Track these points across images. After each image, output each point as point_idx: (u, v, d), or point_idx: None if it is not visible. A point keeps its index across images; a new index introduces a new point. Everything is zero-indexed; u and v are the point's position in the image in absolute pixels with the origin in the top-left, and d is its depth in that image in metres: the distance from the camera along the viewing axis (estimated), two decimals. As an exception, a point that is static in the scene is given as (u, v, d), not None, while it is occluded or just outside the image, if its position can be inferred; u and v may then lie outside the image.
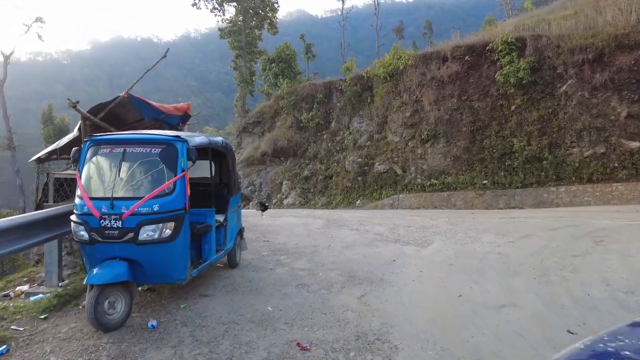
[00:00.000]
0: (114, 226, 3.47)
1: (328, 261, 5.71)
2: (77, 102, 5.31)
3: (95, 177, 3.80)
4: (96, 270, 3.41)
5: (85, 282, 3.40)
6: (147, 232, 3.50)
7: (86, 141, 3.90)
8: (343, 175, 16.22)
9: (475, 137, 13.32)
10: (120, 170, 3.71)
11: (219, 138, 5.20)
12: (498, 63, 13.30)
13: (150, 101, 6.35)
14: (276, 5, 28.70)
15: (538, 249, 6.08)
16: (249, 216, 10.32)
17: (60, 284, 4.56)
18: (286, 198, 17.64)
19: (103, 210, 3.50)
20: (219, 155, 5.31)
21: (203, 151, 4.65)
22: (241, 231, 5.73)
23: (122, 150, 3.77)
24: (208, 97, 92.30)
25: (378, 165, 15.30)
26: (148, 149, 3.77)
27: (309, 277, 4.96)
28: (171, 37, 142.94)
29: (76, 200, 3.67)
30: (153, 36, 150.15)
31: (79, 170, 3.79)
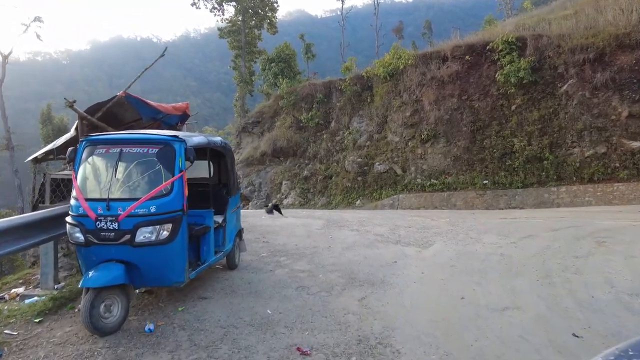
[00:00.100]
0: (110, 228, 3.40)
1: (328, 262, 5.64)
2: (74, 102, 5.23)
3: (91, 178, 3.73)
4: (92, 273, 3.34)
5: (80, 286, 3.33)
6: (144, 234, 3.43)
7: (82, 141, 3.83)
8: (343, 175, 16.16)
9: (475, 137, 13.27)
10: (116, 170, 3.63)
11: (218, 138, 5.13)
12: (498, 63, 13.26)
13: (148, 101, 6.27)
14: (275, 5, 28.65)
15: (540, 250, 6.02)
16: (249, 217, 10.25)
17: (56, 287, 4.49)
18: (286, 198, 17.58)
19: (99, 211, 3.43)
20: (218, 155, 5.25)
21: (201, 151, 4.58)
22: (240, 232, 5.67)
23: (119, 150, 3.70)
24: (207, 97, 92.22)
25: (378, 165, 15.24)
26: (145, 149, 3.70)
27: (309, 279, 4.89)
28: (171, 37, 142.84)
29: (72, 201, 3.60)
30: (152, 36, 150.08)
31: (75, 170, 3.72)
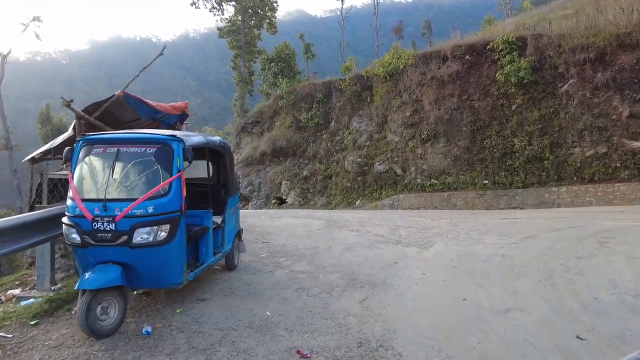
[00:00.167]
0: (107, 229, 3.34)
1: (328, 263, 5.59)
2: (71, 101, 5.18)
3: (87, 178, 3.67)
4: (88, 274, 3.28)
5: (76, 287, 3.27)
6: (142, 235, 3.38)
7: (79, 140, 3.77)
8: (343, 175, 16.10)
9: (475, 137, 13.22)
10: (113, 170, 3.58)
11: (217, 137, 5.08)
12: (499, 62, 13.20)
13: (146, 100, 6.22)
14: (275, 4, 28.57)
15: (542, 251, 5.97)
16: (248, 217, 10.19)
17: (52, 288, 4.43)
18: (285, 198, 17.52)
19: (96, 212, 3.37)
20: (217, 155, 5.19)
21: (200, 151, 4.53)
22: (239, 233, 5.61)
23: (116, 150, 3.64)
24: (207, 97, 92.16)
25: (378, 165, 15.18)
26: (142, 149, 3.65)
27: (309, 280, 4.84)
28: (170, 37, 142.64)
29: (68, 201, 3.54)
30: (152, 36, 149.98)
31: (71, 170, 3.67)
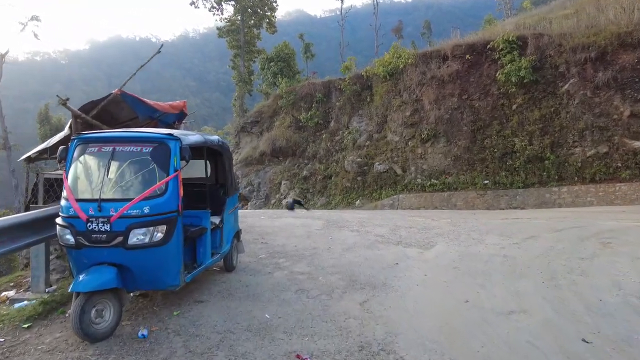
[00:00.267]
0: (102, 229, 3.26)
1: (328, 264, 5.51)
2: (67, 99, 5.11)
3: (82, 178, 3.59)
4: (82, 276, 3.21)
5: (70, 290, 3.20)
6: (137, 236, 3.30)
7: (73, 139, 3.69)
8: (342, 175, 16.04)
9: (476, 137, 13.16)
10: (109, 170, 3.50)
11: (215, 137, 5.01)
12: (499, 62, 13.14)
13: (144, 99, 6.15)
14: (274, 4, 28.51)
15: (544, 251, 5.90)
16: (247, 217, 10.12)
17: (47, 290, 4.35)
18: (285, 198, 17.44)
19: (90, 212, 3.29)
20: (215, 154, 5.12)
21: (198, 150, 4.45)
22: (238, 233, 5.54)
23: (111, 149, 3.57)
24: (206, 97, 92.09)
25: (378, 165, 15.11)
26: (139, 148, 3.57)
27: (309, 282, 4.76)
28: (170, 37, 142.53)
29: (62, 202, 3.47)
30: (151, 36, 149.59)
31: (66, 170, 3.59)
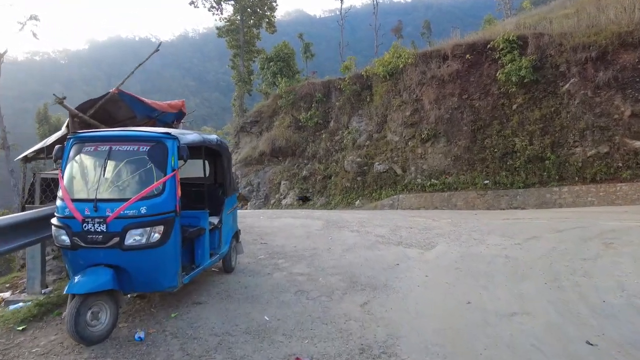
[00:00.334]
0: (98, 230, 3.20)
1: (328, 265, 5.45)
2: (64, 98, 5.06)
3: (78, 177, 3.53)
4: (78, 278, 3.14)
5: (65, 292, 3.13)
6: (134, 237, 3.24)
7: (69, 138, 3.63)
8: (342, 175, 15.98)
9: (476, 137, 13.11)
10: (105, 169, 3.44)
11: (213, 136, 4.95)
12: (499, 61, 13.08)
13: (142, 98, 6.09)
14: (274, 4, 28.41)
15: (546, 252, 5.85)
16: (247, 217, 10.06)
17: (43, 291, 4.29)
18: (284, 198, 17.38)
19: (86, 212, 3.23)
20: (214, 154, 5.06)
21: (196, 149, 4.39)
22: (237, 234, 5.48)
23: (108, 148, 3.50)
24: (206, 97, 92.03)
25: (377, 165, 15.06)
26: (135, 147, 3.50)
27: (309, 283, 4.70)
28: (169, 37, 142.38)
29: (57, 202, 3.40)
30: (151, 36, 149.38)
31: (62, 169, 3.53)
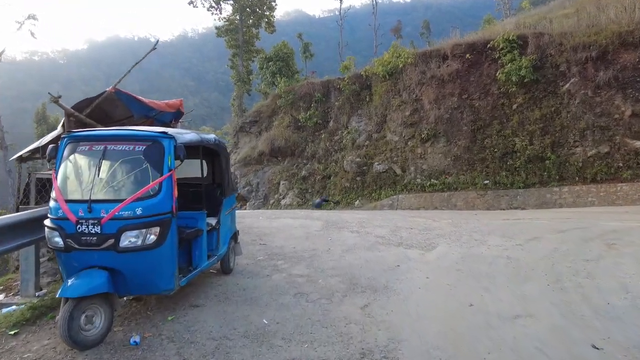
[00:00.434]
0: (92, 232, 3.13)
1: (328, 266, 5.38)
2: (59, 97, 4.97)
3: (72, 178, 3.45)
4: (71, 281, 3.07)
5: (58, 295, 3.05)
6: (129, 239, 3.16)
7: (63, 138, 3.56)
8: (341, 175, 15.91)
9: (476, 137, 13.05)
10: (100, 169, 3.36)
11: (211, 135, 4.87)
12: (499, 61, 13.03)
13: (139, 97, 6.01)
14: (273, 3, 28.36)
15: (548, 253, 5.79)
16: (246, 217, 9.98)
17: (37, 294, 4.21)
18: (284, 198, 17.31)
19: (80, 214, 3.15)
20: (212, 153, 4.99)
21: (193, 149, 4.32)
22: (235, 235, 5.40)
23: (103, 147, 3.43)
24: (205, 97, 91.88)
25: (377, 165, 14.99)
26: (131, 146, 3.43)
27: (308, 285, 4.63)
28: (168, 37, 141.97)
29: (51, 203, 3.32)
30: (150, 35, 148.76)
31: (55, 169, 3.45)
